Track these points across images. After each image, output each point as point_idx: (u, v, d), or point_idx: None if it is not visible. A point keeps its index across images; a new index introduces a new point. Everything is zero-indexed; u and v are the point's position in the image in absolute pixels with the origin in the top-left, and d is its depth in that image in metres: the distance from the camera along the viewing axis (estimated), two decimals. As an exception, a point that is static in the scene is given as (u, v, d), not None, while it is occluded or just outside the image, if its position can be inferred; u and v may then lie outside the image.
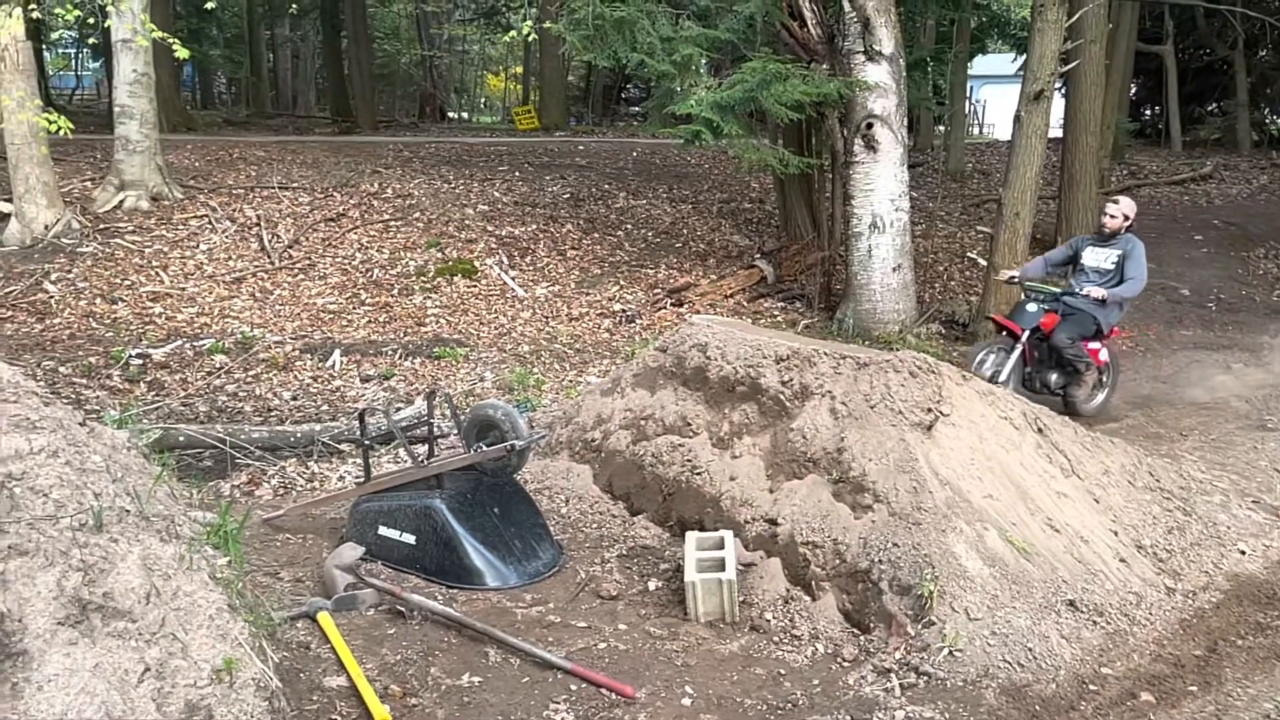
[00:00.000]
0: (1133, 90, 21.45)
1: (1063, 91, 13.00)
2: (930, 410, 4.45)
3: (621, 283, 11.63)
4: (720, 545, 4.20)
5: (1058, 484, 4.61)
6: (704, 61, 11.39)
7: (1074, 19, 9.79)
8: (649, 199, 14.93)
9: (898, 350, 5.38)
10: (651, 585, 4.38)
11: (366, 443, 4.97)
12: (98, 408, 6.97)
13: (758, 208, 15.16)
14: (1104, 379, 7.30)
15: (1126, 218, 7.04)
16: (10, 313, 9.44)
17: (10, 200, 10.96)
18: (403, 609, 3.96)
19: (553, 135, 22.20)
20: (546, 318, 10.68)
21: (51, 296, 9.85)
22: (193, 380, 8.23)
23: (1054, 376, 7.07)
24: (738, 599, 4.03)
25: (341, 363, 8.86)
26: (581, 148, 18.89)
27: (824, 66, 9.90)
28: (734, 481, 4.64)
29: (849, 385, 4.57)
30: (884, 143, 9.69)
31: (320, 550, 4.62)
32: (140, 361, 8.40)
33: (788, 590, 4.11)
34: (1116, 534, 4.48)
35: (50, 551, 2.43)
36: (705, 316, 6.84)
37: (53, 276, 10.20)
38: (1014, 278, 7.41)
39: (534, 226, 13.08)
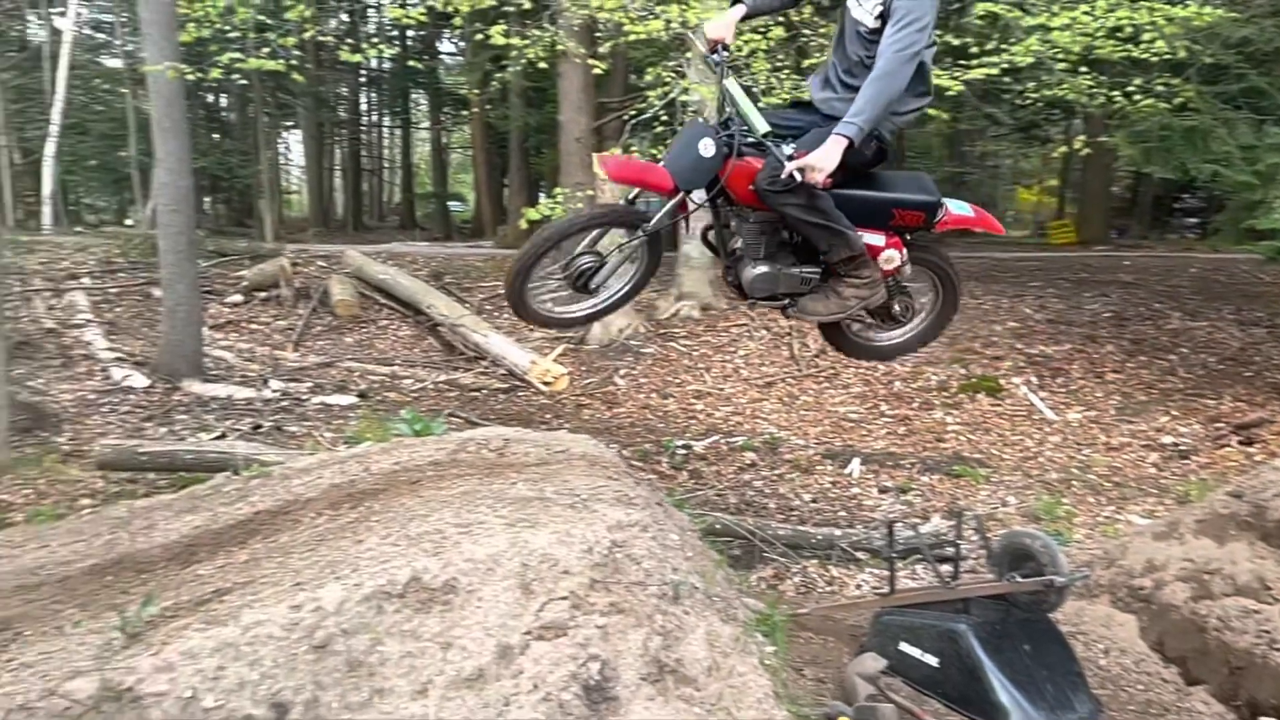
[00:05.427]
0: None
1: None
2: None
3: (1173, 413, 10.34)
4: (1316, 743, 3.47)
5: None
6: (1292, 168, 9.89)
7: None
8: (1210, 320, 13.14)
9: None
10: (1218, 772, 3.75)
11: (893, 555, 4.99)
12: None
13: (1358, 335, 12.56)
14: (898, 302, 3.86)
15: None
16: (588, 401, 11.23)
17: (597, 307, 13.15)
18: (923, 733, 3.87)
19: (1091, 250, 20.72)
20: (1079, 444, 9.86)
21: (619, 389, 11.52)
22: (725, 473, 9.01)
23: (758, 271, 3.55)
24: (1341, 816, 3.28)
25: (860, 471, 9.05)
26: (1127, 263, 17.36)
27: None
28: (1335, 667, 3.83)
29: None
30: None
31: (840, 654, 4.71)
32: (684, 452, 9.41)
33: None
34: None
35: (639, 614, 2.82)
36: (1292, 462, 5.80)
37: (621, 372, 11.94)
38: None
39: (1069, 346, 12.25)
